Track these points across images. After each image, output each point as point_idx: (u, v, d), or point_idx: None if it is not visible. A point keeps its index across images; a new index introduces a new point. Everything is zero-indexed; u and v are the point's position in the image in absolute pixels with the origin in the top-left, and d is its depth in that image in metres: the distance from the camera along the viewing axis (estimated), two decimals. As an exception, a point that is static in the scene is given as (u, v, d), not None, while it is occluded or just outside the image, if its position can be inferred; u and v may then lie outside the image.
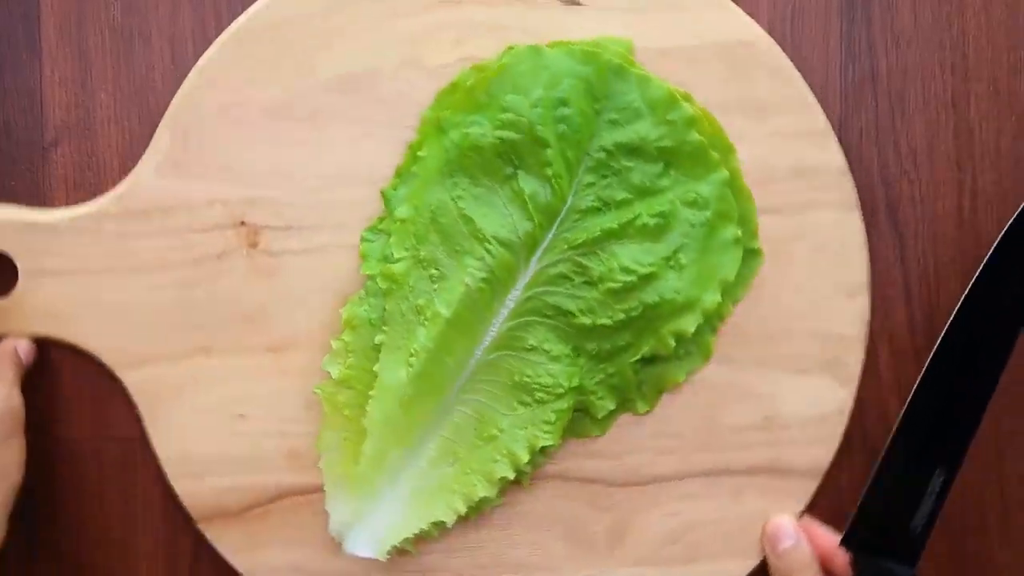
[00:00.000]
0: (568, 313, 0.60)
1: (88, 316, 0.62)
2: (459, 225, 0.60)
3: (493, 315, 0.60)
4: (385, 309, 0.60)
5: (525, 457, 0.60)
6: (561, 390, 0.61)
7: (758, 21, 0.63)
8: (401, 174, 0.62)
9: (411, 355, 0.60)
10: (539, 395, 0.61)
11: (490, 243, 0.60)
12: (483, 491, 0.60)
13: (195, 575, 0.65)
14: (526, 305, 0.60)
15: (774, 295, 0.62)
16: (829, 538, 0.61)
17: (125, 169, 0.63)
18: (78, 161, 0.64)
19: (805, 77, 0.62)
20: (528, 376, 0.60)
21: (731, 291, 0.62)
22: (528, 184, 0.60)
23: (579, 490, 0.63)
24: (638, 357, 0.61)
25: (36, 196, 0.64)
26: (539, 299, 0.61)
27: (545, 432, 0.60)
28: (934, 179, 0.64)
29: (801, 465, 0.62)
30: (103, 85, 0.64)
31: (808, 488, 0.62)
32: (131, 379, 0.62)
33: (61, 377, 0.64)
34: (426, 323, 0.60)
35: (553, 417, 0.61)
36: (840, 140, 0.63)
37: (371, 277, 0.61)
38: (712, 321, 0.62)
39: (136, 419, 0.63)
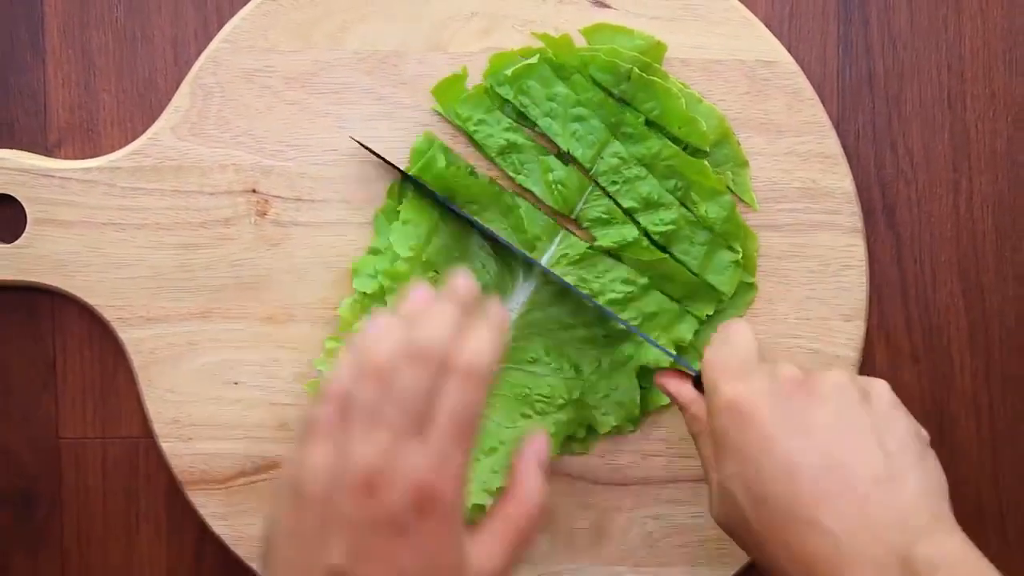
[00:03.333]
0: (569, 326, 0.61)
1: (92, 270, 0.62)
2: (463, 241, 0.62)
3: None
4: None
5: None
6: (561, 401, 0.61)
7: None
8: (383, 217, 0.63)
9: None
10: (539, 406, 0.61)
11: (488, 256, 0.62)
12: (480, 500, 0.60)
13: (198, 575, 0.66)
14: (527, 318, 0.61)
15: (770, 311, 0.63)
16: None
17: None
18: (82, 162, 0.64)
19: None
20: (529, 388, 0.61)
21: (720, 319, 0.63)
22: (534, 188, 0.62)
23: (564, 486, 0.63)
24: (641, 364, 0.62)
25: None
26: (541, 311, 0.61)
27: None
28: (931, 180, 0.65)
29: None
30: (106, 86, 0.64)
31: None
32: (129, 337, 0.62)
33: (65, 375, 0.64)
34: None
35: (553, 429, 0.61)
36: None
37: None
38: (699, 348, 0.63)
39: (142, 418, 0.63)
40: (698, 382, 0.57)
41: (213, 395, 0.62)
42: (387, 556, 0.47)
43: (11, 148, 0.63)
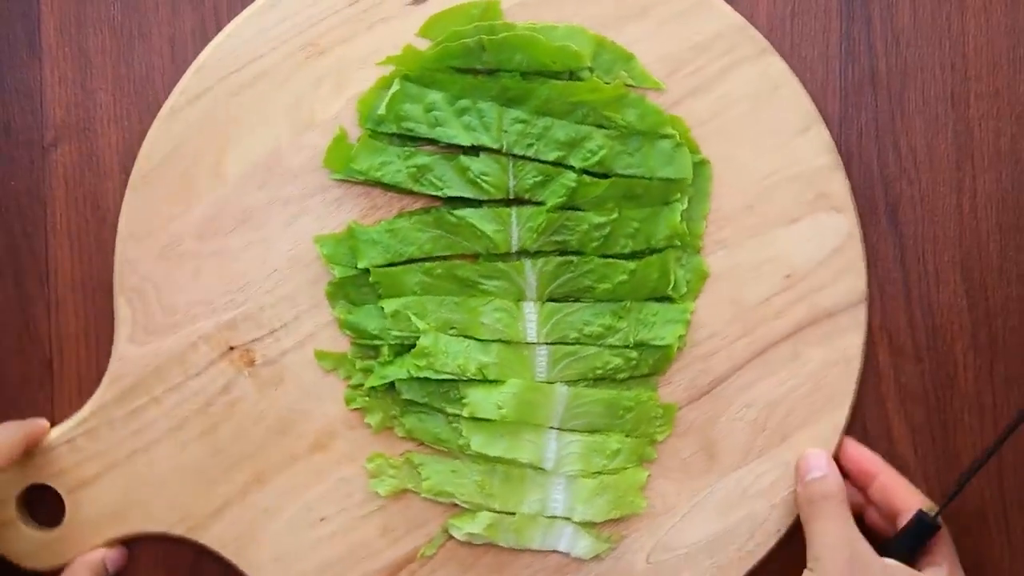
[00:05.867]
0: (588, 288, 0.62)
1: (140, 503, 0.63)
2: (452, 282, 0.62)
3: (524, 334, 0.62)
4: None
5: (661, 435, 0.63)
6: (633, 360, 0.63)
7: (757, 20, 0.63)
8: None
9: (499, 407, 0.61)
10: (622, 375, 0.63)
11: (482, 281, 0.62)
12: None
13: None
14: (549, 327, 0.62)
15: (735, 166, 0.62)
16: (869, 458, 0.62)
17: (125, 169, 0.63)
18: (78, 161, 0.64)
19: (804, 77, 0.63)
20: (599, 366, 0.62)
21: (697, 208, 0.62)
22: (462, 193, 0.61)
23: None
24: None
25: (36, 196, 0.64)
26: (562, 320, 0.62)
27: (660, 425, 0.63)
28: (934, 179, 0.64)
29: (838, 302, 0.62)
30: (103, 85, 0.64)
31: (857, 316, 0.62)
32: (208, 538, 0.63)
33: (61, 375, 0.64)
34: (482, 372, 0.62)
35: (646, 396, 0.63)
36: (840, 140, 0.63)
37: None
38: (695, 242, 0.62)
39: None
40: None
41: (310, 542, 0.63)
42: None
43: (7, 147, 0.64)
